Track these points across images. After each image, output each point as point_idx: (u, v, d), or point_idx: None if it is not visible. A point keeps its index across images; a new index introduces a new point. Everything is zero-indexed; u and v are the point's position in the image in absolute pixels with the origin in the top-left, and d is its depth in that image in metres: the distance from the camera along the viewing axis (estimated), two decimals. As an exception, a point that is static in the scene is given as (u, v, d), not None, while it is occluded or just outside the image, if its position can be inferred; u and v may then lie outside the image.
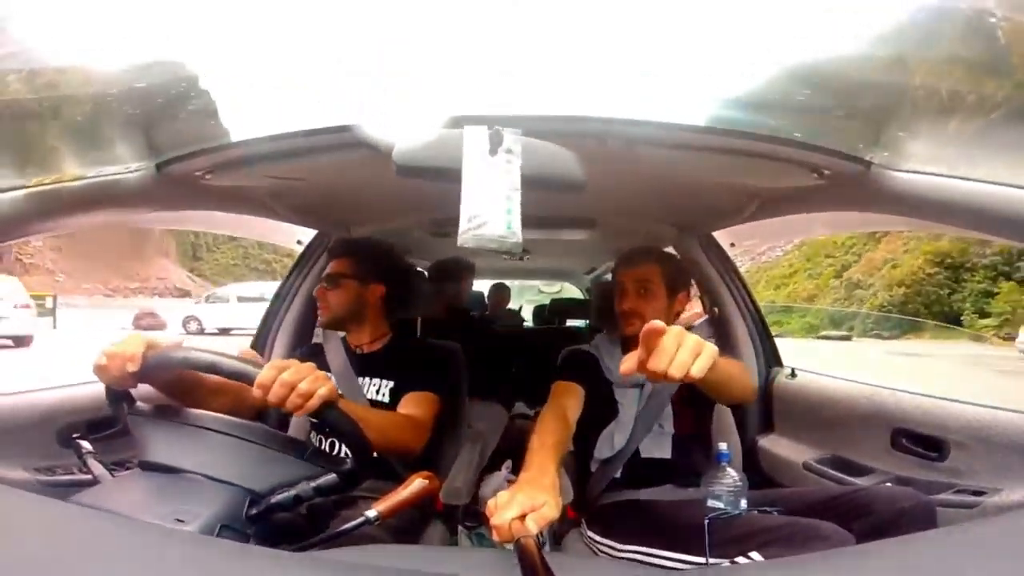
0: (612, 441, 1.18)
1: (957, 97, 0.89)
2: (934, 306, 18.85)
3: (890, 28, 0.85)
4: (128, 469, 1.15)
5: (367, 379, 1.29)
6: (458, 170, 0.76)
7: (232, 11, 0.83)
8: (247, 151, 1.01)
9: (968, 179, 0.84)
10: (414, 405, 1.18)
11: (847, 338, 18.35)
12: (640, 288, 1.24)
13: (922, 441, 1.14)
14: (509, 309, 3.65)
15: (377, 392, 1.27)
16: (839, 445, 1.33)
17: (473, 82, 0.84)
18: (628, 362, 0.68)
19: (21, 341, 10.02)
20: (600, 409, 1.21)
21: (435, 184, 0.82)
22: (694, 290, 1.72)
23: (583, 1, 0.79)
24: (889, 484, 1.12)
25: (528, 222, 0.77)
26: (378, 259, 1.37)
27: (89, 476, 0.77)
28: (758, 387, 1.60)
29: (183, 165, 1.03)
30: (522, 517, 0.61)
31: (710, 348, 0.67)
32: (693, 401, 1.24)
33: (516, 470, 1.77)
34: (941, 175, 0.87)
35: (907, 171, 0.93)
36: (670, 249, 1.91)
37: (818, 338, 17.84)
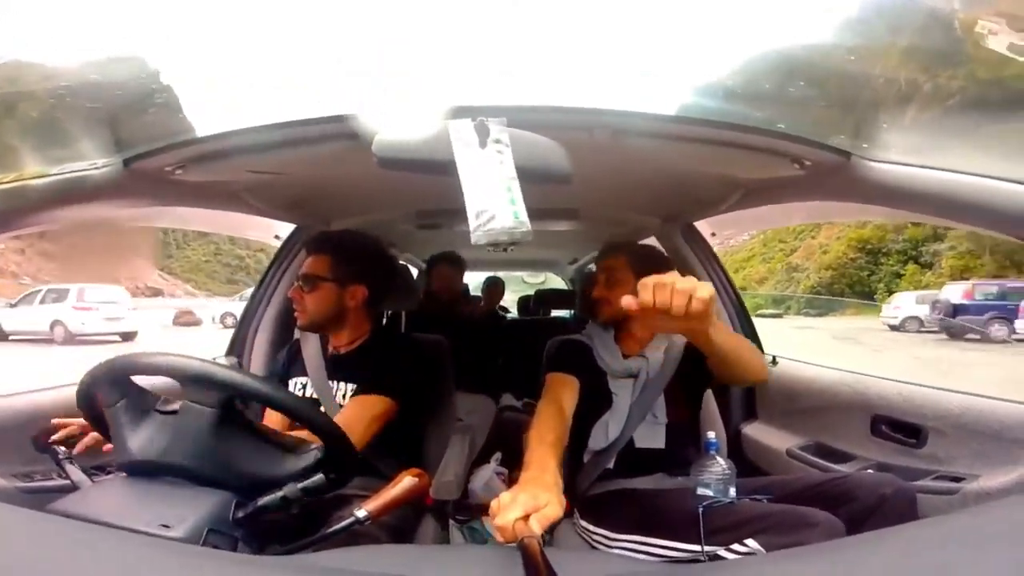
0: (607, 431, 1.18)
1: (927, 87, 0.91)
2: (856, 287, 21.69)
3: (854, 17, 0.87)
4: (108, 473, 1.12)
5: (336, 383, 1.22)
6: (440, 161, 0.74)
7: (189, 7, 0.79)
8: (219, 145, 0.97)
9: (945, 170, 0.86)
10: (352, 407, 1.12)
11: (779, 316, 20.70)
12: (608, 277, 1.29)
13: (901, 428, 1.17)
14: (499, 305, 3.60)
15: (343, 396, 1.19)
16: (821, 432, 1.35)
17: (462, 78, 0.82)
18: (628, 297, 0.70)
19: (128, 337, 11.76)
20: (595, 399, 1.22)
21: (419, 176, 0.80)
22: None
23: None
24: (871, 470, 1.15)
25: None
26: (360, 257, 1.25)
27: (69, 482, 0.74)
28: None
29: (152, 160, 0.99)
30: (525, 517, 0.61)
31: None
32: (686, 390, 1.26)
33: (505, 462, 1.77)
34: (919, 166, 0.89)
35: (886, 162, 0.94)
36: (652, 240, 1.93)
37: (756, 316, 20.12)
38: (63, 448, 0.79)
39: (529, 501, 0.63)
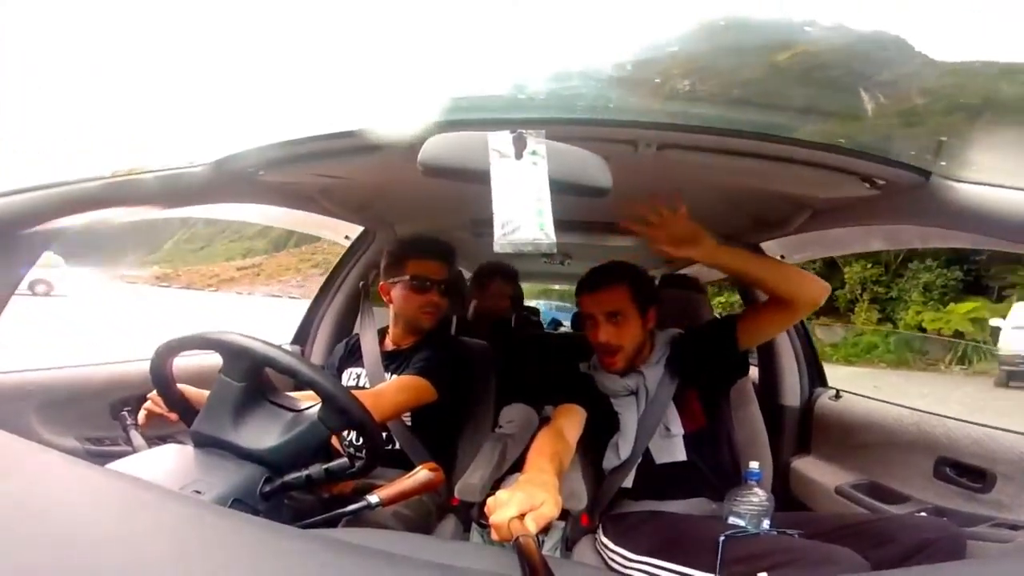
0: (617, 451, 1.17)
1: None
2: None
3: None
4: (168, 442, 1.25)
5: (390, 375, 1.32)
6: (482, 171, 0.77)
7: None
8: (289, 150, 1.07)
9: None
10: (390, 382, 1.21)
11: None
12: (611, 316, 1.17)
13: (967, 471, 1.07)
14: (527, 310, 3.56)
15: None
16: (877, 471, 1.25)
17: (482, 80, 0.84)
18: None
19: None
20: (603, 424, 1.21)
21: (474, 185, 0.84)
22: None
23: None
24: (924, 514, 1.06)
25: (570, 227, 0.76)
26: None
27: (131, 448, 0.83)
28: (803, 400, 1.53)
29: (238, 161, 1.11)
30: (521, 516, 0.61)
31: None
32: (702, 399, 1.21)
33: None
34: (1007, 187, 0.79)
35: (970, 182, 0.85)
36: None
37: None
38: (131, 417, 0.89)
39: (525, 500, 0.63)
